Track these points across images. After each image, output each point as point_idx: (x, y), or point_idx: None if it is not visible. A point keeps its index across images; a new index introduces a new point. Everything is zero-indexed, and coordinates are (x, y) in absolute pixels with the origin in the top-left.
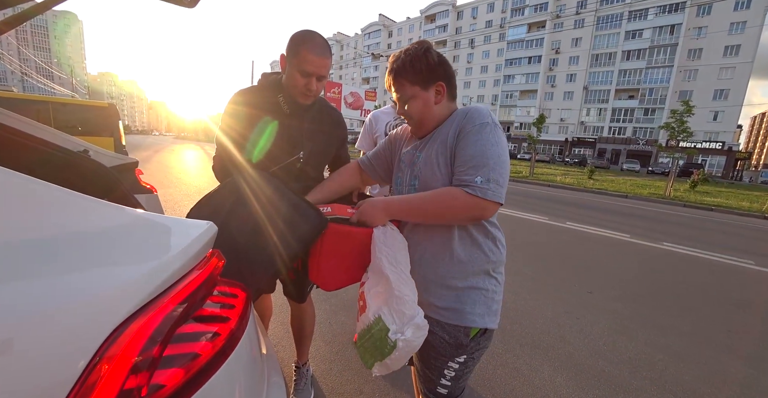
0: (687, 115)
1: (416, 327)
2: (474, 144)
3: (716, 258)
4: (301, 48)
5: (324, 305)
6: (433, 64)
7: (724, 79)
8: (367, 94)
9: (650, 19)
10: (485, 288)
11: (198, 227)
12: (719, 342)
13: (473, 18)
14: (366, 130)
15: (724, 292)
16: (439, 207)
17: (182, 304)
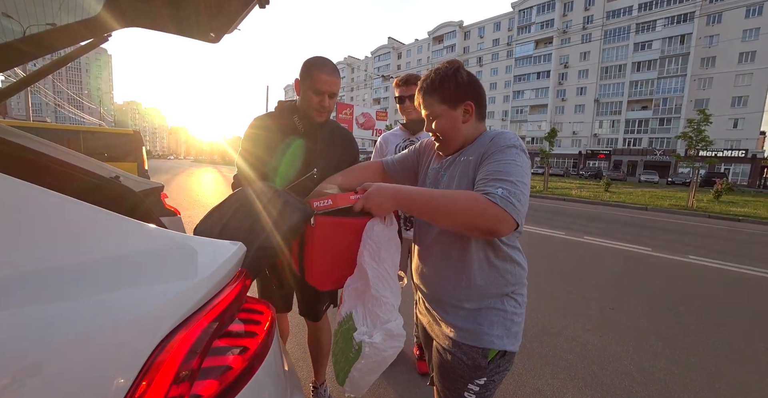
0: (705, 123)
1: (387, 333)
2: (497, 162)
3: (749, 271)
4: (314, 69)
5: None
6: (463, 83)
7: (742, 85)
8: (378, 114)
9: (659, 31)
10: (503, 309)
11: (229, 248)
12: (759, 361)
13: (480, 37)
14: (377, 152)
15: (759, 307)
16: (454, 207)
17: (217, 319)
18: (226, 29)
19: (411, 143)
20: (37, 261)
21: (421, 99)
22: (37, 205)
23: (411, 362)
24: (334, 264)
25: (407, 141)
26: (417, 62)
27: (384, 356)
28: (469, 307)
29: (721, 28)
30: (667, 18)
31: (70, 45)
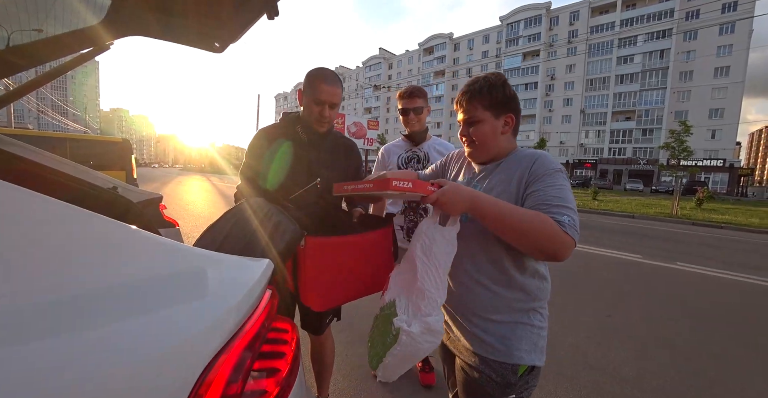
0: (686, 134)
1: (426, 326)
2: (553, 186)
3: (737, 278)
4: (315, 80)
5: (339, 336)
6: (510, 95)
7: (718, 98)
8: (369, 123)
9: (640, 45)
10: (531, 324)
11: (259, 265)
12: (756, 366)
13: (470, 49)
14: (379, 164)
15: (751, 312)
16: (528, 227)
17: (253, 341)
18: (232, 39)
19: (414, 154)
20: (73, 284)
21: (465, 100)
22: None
23: (414, 374)
24: (329, 284)
25: (409, 152)
26: (408, 72)
27: (419, 348)
28: (498, 320)
29: (698, 44)
30: (647, 34)
31: (69, 54)
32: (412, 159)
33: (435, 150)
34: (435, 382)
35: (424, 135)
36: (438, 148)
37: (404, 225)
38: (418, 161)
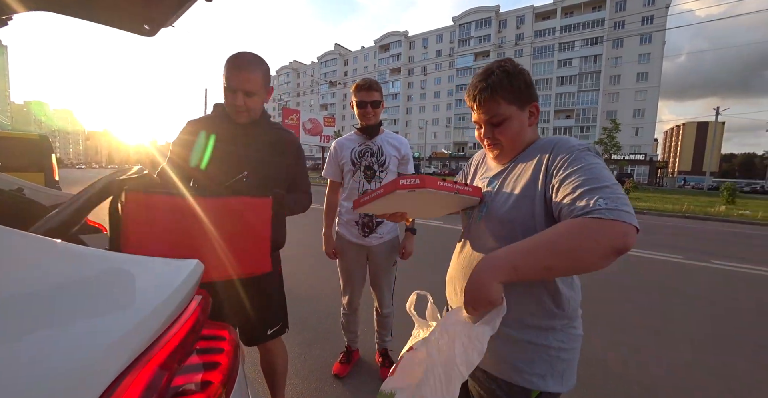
0: (615, 131)
1: None
2: (580, 169)
3: (656, 257)
4: (226, 65)
5: (297, 338)
6: (530, 82)
7: (640, 100)
8: (326, 120)
9: (577, 50)
10: (548, 345)
11: (186, 266)
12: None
13: (424, 47)
14: (331, 158)
15: (661, 283)
16: (561, 246)
17: (174, 354)
18: (164, 22)
19: (367, 148)
20: None
21: (486, 98)
22: None
23: (374, 370)
24: (153, 245)
25: (363, 145)
26: (364, 69)
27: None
28: (511, 336)
29: (623, 52)
30: (583, 40)
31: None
32: (365, 152)
33: (389, 144)
34: None
35: (378, 129)
36: (392, 142)
37: (359, 220)
38: (371, 155)
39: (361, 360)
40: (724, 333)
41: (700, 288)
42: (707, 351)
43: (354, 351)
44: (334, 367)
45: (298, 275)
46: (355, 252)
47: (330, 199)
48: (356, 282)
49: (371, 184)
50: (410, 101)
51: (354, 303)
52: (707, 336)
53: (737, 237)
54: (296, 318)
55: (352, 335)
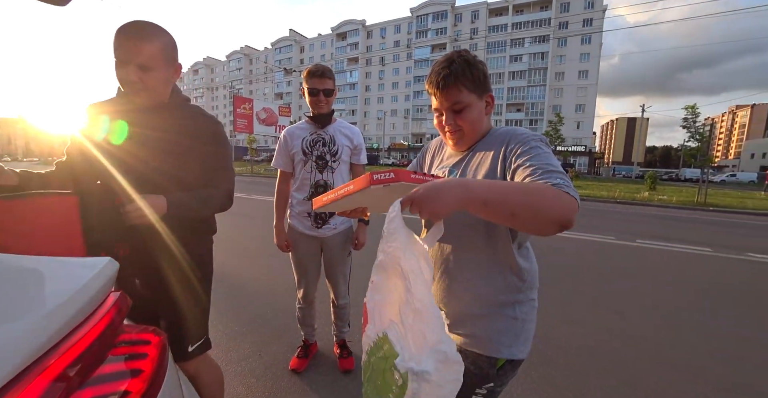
0: (560, 124)
1: (441, 358)
2: (538, 155)
3: (595, 239)
4: (115, 35)
5: (251, 336)
6: (486, 72)
7: (581, 96)
8: (281, 109)
9: (527, 47)
10: (514, 317)
11: (92, 267)
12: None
13: (382, 37)
14: (281, 148)
15: (596, 262)
16: (532, 197)
17: (78, 362)
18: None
19: (319, 137)
20: None
21: (450, 85)
22: None
23: (333, 362)
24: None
25: (314, 134)
26: (320, 57)
27: (441, 394)
28: (479, 313)
29: (567, 50)
30: (532, 37)
31: None
32: (317, 142)
33: (341, 133)
34: (354, 367)
35: (330, 118)
36: (344, 131)
37: (311, 212)
38: (323, 144)
39: (319, 353)
40: (647, 303)
41: (627, 265)
42: (631, 318)
43: (312, 345)
44: (292, 362)
45: (251, 271)
46: (308, 244)
47: (281, 190)
48: (311, 275)
49: (323, 175)
50: (368, 91)
51: (309, 296)
52: (632, 305)
53: (657, 219)
54: (251, 315)
55: (308, 329)
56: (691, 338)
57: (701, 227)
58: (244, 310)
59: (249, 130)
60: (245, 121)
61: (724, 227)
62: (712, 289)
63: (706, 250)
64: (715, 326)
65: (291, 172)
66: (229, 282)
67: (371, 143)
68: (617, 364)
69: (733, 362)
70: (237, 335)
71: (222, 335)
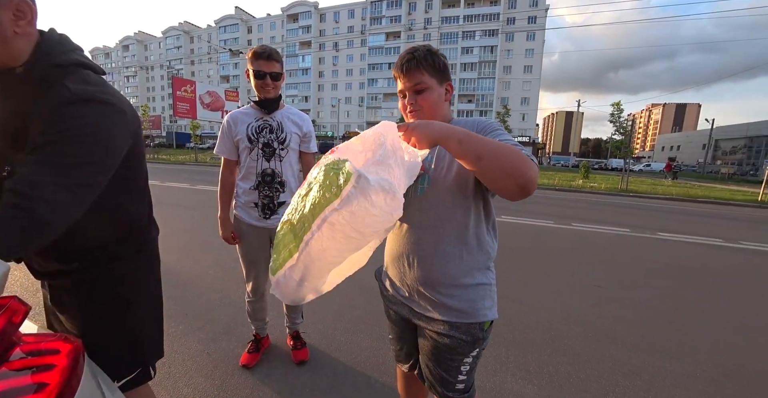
0: (507, 116)
1: (387, 186)
2: (500, 136)
3: (532, 223)
4: None
5: (199, 333)
6: (446, 64)
7: (526, 89)
8: (227, 93)
9: (477, 40)
10: (489, 283)
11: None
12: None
13: (336, 22)
14: (224, 134)
15: (535, 244)
16: (503, 149)
17: None
18: None
19: (266, 123)
20: None
21: (413, 67)
22: None
23: (286, 354)
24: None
25: (261, 121)
26: (270, 39)
27: (371, 214)
28: (464, 284)
29: (514, 45)
30: (482, 30)
31: None
32: (263, 128)
33: (289, 120)
34: (308, 357)
35: (278, 103)
36: (292, 118)
37: (259, 202)
38: (270, 131)
39: (272, 346)
40: (577, 280)
41: (564, 246)
42: (567, 294)
43: (263, 339)
44: (242, 358)
45: (198, 266)
46: (256, 235)
47: (225, 178)
48: (260, 268)
49: (270, 163)
50: (322, 77)
51: (260, 289)
52: (566, 283)
53: (589, 204)
54: (198, 312)
55: (260, 323)
56: (614, 310)
57: (623, 211)
58: (191, 307)
59: (192, 115)
60: (187, 105)
61: (641, 210)
62: (631, 265)
63: (626, 231)
64: (636, 296)
65: (236, 160)
66: (174, 279)
67: (326, 131)
68: (556, 338)
69: (646, 326)
70: (183, 334)
71: (166, 336)
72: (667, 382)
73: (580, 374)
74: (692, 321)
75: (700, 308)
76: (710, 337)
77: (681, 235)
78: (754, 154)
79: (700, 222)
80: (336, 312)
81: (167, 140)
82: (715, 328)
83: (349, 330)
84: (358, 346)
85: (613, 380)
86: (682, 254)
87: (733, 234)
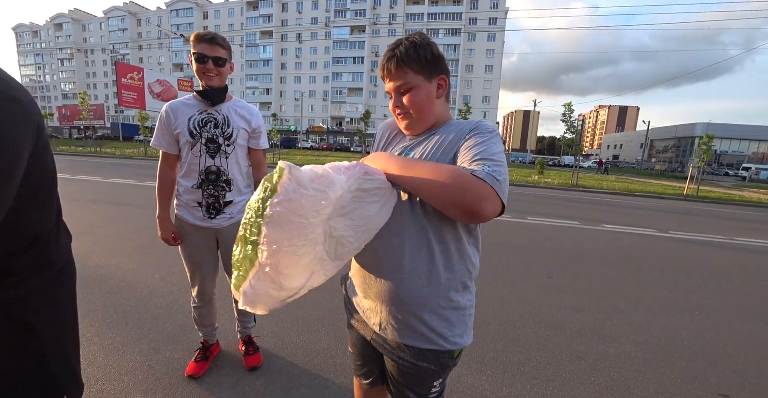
0: (468, 114)
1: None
2: (480, 144)
3: None
4: None
5: (139, 344)
6: (438, 54)
7: (487, 88)
8: (180, 83)
9: (441, 38)
10: (464, 306)
11: None
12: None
13: (299, 12)
14: (162, 125)
15: (496, 238)
16: (437, 176)
17: None
18: None
19: (210, 116)
20: None
21: (393, 66)
22: None
23: (238, 361)
24: None
25: (204, 113)
26: (228, 27)
27: (303, 193)
28: (437, 305)
29: (476, 45)
30: (446, 29)
31: None
32: (207, 122)
33: (236, 113)
34: (261, 362)
35: (224, 94)
36: (240, 112)
37: (203, 201)
38: (215, 125)
39: (222, 353)
40: (531, 271)
41: (519, 240)
42: (520, 285)
43: (212, 346)
44: (188, 367)
45: (141, 269)
46: (200, 236)
47: (163, 174)
48: (206, 270)
49: (215, 160)
50: (284, 69)
51: (206, 294)
52: (520, 274)
53: (544, 199)
54: (138, 321)
55: (207, 329)
56: (562, 298)
57: (574, 205)
58: (131, 315)
59: (140, 104)
60: (134, 93)
61: (589, 204)
62: (580, 255)
63: (575, 223)
64: (582, 285)
65: (176, 155)
66: (114, 286)
67: (289, 125)
68: (510, 328)
69: (590, 312)
70: (120, 345)
71: (99, 349)
72: (607, 364)
73: (531, 362)
74: (630, 305)
75: (637, 293)
76: (644, 319)
77: (622, 227)
78: (681, 152)
79: (638, 215)
80: (292, 313)
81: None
82: (649, 310)
83: (305, 332)
84: (315, 348)
85: (560, 365)
86: (623, 244)
87: (665, 224)
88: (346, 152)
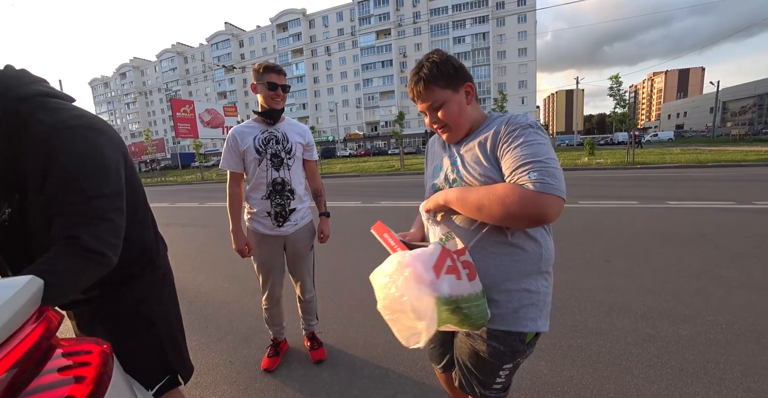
0: (504, 102)
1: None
2: (519, 147)
3: None
4: None
5: (220, 344)
6: (458, 66)
7: (522, 72)
8: (226, 109)
9: (468, 28)
10: (537, 291)
11: (14, 285)
12: None
13: (325, 26)
14: (230, 147)
15: None
16: (489, 200)
17: (6, 377)
18: None
19: (271, 135)
20: None
21: (422, 88)
22: None
23: (305, 355)
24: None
25: (266, 132)
26: (262, 51)
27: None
28: (506, 289)
29: (506, 30)
30: (473, 18)
31: None
32: (270, 140)
33: (293, 131)
34: (325, 356)
35: (281, 115)
36: (295, 129)
37: (271, 210)
38: (276, 142)
39: (290, 349)
40: (592, 256)
41: (574, 226)
42: (573, 268)
43: (281, 343)
44: (263, 363)
45: (213, 280)
46: (270, 244)
47: (232, 192)
48: (276, 274)
49: (279, 172)
50: (317, 83)
51: (276, 296)
52: (579, 259)
53: (596, 181)
54: (217, 324)
55: (277, 328)
56: (622, 282)
57: (631, 184)
58: (209, 320)
59: (193, 134)
60: (188, 125)
61: (648, 182)
62: (639, 236)
63: (633, 203)
64: (644, 266)
65: (242, 173)
66: (191, 295)
67: (326, 136)
68: (567, 314)
69: (656, 294)
70: (204, 346)
71: (189, 349)
72: (680, 346)
73: (592, 346)
74: (704, 284)
75: (713, 271)
76: (724, 299)
77: (691, 202)
78: (765, 111)
79: (711, 187)
80: (349, 310)
81: (172, 162)
82: (730, 290)
83: (363, 327)
84: (373, 342)
85: (625, 349)
86: (692, 220)
87: (747, 195)
88: (384, 156)
